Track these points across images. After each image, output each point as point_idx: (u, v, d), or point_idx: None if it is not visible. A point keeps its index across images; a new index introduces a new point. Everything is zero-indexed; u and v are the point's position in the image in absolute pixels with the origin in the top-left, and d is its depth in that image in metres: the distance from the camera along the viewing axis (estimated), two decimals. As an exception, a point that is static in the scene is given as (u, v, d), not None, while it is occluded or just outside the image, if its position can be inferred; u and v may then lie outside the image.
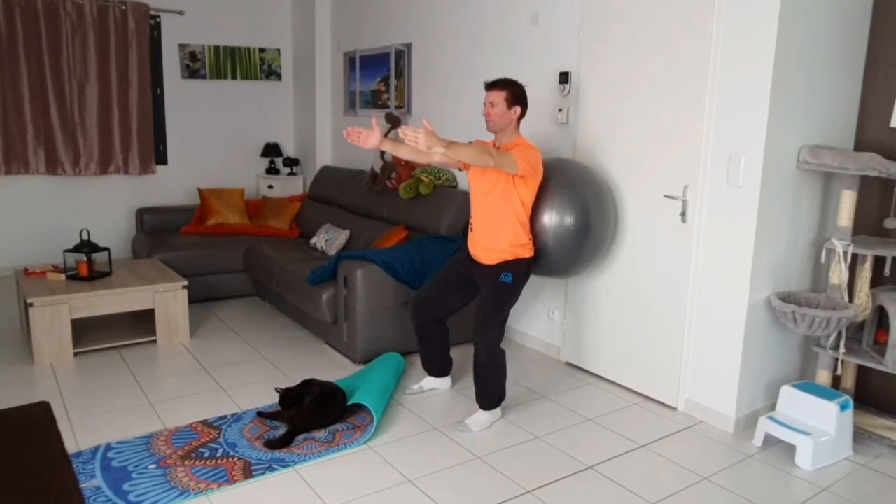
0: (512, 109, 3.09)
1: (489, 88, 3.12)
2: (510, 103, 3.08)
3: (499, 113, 3.09)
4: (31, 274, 4.21)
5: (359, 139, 3.00)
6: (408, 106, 5.22)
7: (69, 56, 5.58)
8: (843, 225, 3.04)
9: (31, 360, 3.83)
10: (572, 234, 3.22)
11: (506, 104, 3.08)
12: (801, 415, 2.99)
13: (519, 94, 3.11)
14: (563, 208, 3.20)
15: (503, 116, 3.09)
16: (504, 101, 3.08)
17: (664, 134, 3.29)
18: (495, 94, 3.09)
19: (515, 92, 3.10)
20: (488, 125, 3.13)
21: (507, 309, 3.16)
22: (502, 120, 3.10)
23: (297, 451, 2.88)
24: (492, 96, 3.10)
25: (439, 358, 3.49)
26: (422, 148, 2.74)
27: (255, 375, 3.71)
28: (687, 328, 3.29)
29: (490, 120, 3.11)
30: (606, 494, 2.62)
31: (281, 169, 6.69)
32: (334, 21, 6.14)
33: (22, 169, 5.58)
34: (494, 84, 3.11)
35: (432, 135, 2.74)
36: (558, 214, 3.20)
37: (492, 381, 3.13)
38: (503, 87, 3.09)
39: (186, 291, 4.17)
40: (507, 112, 3.09)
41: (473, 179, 3.19)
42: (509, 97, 3.08)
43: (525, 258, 3.15)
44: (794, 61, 2.94)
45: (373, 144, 3.01)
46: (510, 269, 3.11)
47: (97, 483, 2.59)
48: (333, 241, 4.85)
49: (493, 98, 3.09)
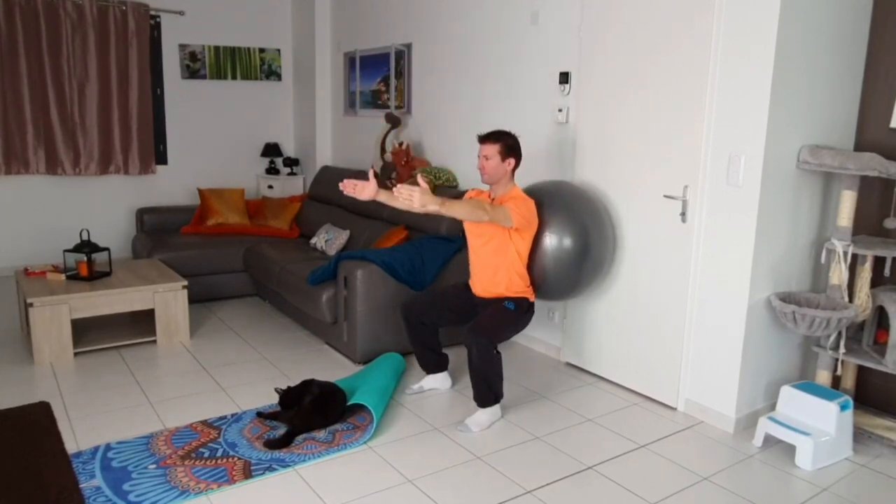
0: (506, 161, 3.18)
1: (482, 141, 3.19)
2: (504, 156, 3.17)
3: (493, 166, 3.16)
4: (31, 274, 4.21)
5: (354, 191, 3.02)
6: (408, 106, 5.22)
7: (69, 56, 5.58)
8: (843, 225, 3.04)
9: (31, 360, 3.83)
10: (571, 257, 3.26)
11: (499, 157, 3.16)
12: (801, 415, 2.99)
13: (512, 145, 3.19)
14: (561, 231, 3.25)
15: (497, 169, 3.16)
16: (498, 154, 3.16)
17: (664, 134, 3.29)
18: (489, 148, 3.16)
19: (509, 144, 3.17)
20: (483, 178, 3.21)
21: (504, 330, 3.18)
22: (497, 172, 3.17)
23: (297, 451, 2.88)
24: (485, 149, 3.17)
25: (432, 355, 3.51)
26: (416, 207, 2.79)
27: (255, 375, 3.71)
28: (687, 328, 3.30)
29: (485, 173, 3.18)
30: (606, 494, 2.62)
31: (281, 169, 6.69)
32: (334, 21, 6.14)
33: (22, 169, 5.58)
34: (488, 137, 3.18)
35: (427, 193, 2.80)
36: (557, 237, 3.24)
37: (484, 382, 3.12)
38: (496, 140, 3.17)
39: (186, 291, 4.17)
40: (501, 164, 3.16)
41: (469, 231, 3.27)
42: (503, 150, 3.16)
43: (527, 298, 3.26)
44: (794, 61, 2.94)
45: (369, 196, 3.03)
46: (514, 301, 3.22)
47: (97, 483, 2.59)
48: (333, 241, 4.85)
49: (486, 151, 3.17)
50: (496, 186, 3.23)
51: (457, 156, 4.73)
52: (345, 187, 3.03)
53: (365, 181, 3.03)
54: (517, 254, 3.18)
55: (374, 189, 3.01)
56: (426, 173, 4.56)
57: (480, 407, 3.17)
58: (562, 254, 3.24)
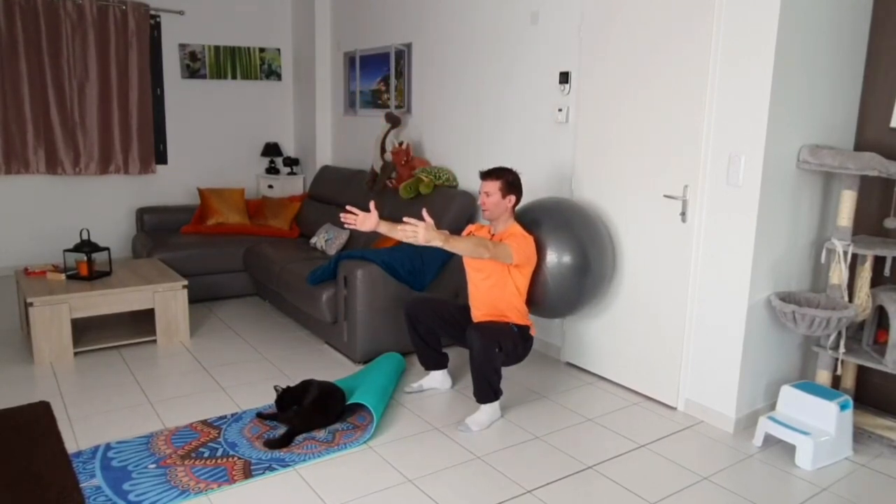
0: (507, 198, 3.21)
1: (484, 178, 3.24)
2: (504, 193, 3.20)
3: (494, 202, 3.20)
4: (31, 274, 4.21)
5: (356, 223, 3.04)
6: (408, 106, 5.22)
7: (69, 56, 5.58)
8: (843, 225, 3.04)
9: (31, 360, 3.83)
10: (571, 274, 3.27)
11: (500, 194, 3.19)
12: (801, 415, 2.99)
13: (513, 182, 3.23)
14: (561, 248, 3.26)
15: (498, 205, 3.21)
16: (499, 191, 3.19)
17: (664, 134, 3.29)
18: (490, 184, 3.21)
19: (509, 181, 3.21)
20: (483, 214, 3.26)
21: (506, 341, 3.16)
22: (497, 209, 3.21)
23: (297, 450, 2.88)
24: (487, 186, 3.22)
25: (433, 353, 3.51)
26: (420, 242, 2.83)
27: (255, 375, 3.71)
28: (687, 328, 3.30)
29: (486, 209, 3.23)
30: (606, 494, 2.62)
31: (281, 169, 6.69)
32: (334, 21, 6.14)
33: (22, 169, 5.58)
34: (489, 174, 3.24)
35: (431, 228, 2.85)
36: (556, 255, 3.26)
37: (483, 378, 3.13)
38: (498, 177, 3.22)
39: (186, 291, 4.17)
40: (501, 201, 3.20)
41: (469, 265, 3.30)
42: (503, 187, 3.20)
43: (528, 326, 3.29)
44: (794, 61, 2.94)
45: (370, 227, 3.05)
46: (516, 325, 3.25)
47: (97, 483, 2.59)
48: (333, 241, 4.85)
49: (487, 188, 3.22)
50: (496, 222, 3.27)
51: (457, 155, 4.73)
52: (346, 219, 3.06)
53: (366, 212, 3.05)
54: (516, 289, 3.22)
55: (375, 220, 3.04)
56: (426, 173, 4.56)
57: (480, 403, 3.18)
58: (562, 270, 3.26)
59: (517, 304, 3.24)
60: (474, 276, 3.29)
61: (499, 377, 3.16)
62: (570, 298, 3.35)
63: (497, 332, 3.14)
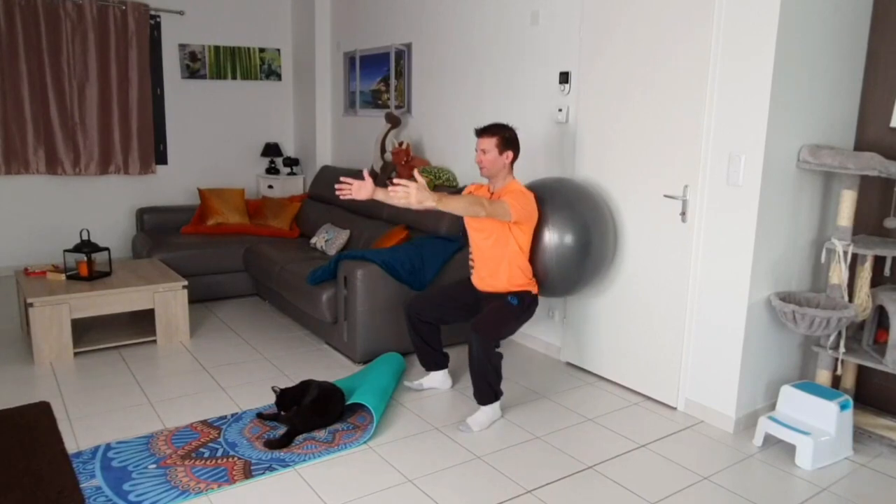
0: (504, 155, 3.16)
1: (480, 135, 3.18)
2: (501, 149, 3.15)
3: (491, 159, 3.15)
4: (32, 274, 4.21)
5: (351, 192, 2.98)
6: (408, 106, 5.22)
7: (69, 56, 5.58)
8: (843, 225, 3.04)
9: (31, 360, 3.83)
10: (573, 253, 3.25)
11: (497, 150, 3.15)
12: (801, 414, 2.99)
13: (510, 138, 3.18)
14: (563, 228, 3.24)
15: (495, 162, 3.15)
16: (496, 148, 3.14)
17: (664, 134, 3.29)
18: (486, 141, 3.15)
19: (506, 137, 3.16)
20: (481, 171, 3.20)
21: (508, 325, 3.18)
22: (495, 166, 3.16)
23: (297, 451, 2.88)
24: (483, 143, 3.16)
25: (433, 353, 3.51)
26: (413, 204, 2.77)
27: (255, 375, 3.71)
28: (687, 328, 3.29)
29: (483, 166, 3.17)
30: (606, 494, 2.62)
31: (281, 169, 6.69)
32: (334, 21, 6.14)
33: (22, 169, 5.58)
34: (485, 130, 3.17)
35: (423, 189, 2.77)
36: (558, 234, 3.24)
37: (484, 379, 3.13)
38: (494, 133, 3.15)
39: (186, 291, 4.17)
40: (499, 158, 3.15)
41: (470, 225, 3.26)
42: (500, 143, 3.14)
43: (529, 291, 3.25)
44: (794, 61, 2.94)
45: (365, 196, 2.98)
46: (516, 295, 3.20)
47: (97, 483, 2.59)
48: (333, 241, 4.85)
49: (484, 145, 3.16)
50: (495, 180, 3.22)
51: (456, 155, 4.73)
52: (341, 189, 2.99)
53: (360, 180, 2.98)
54: (518, 247, 3.17)
55: (370, 188, 2.95)
56: (426, 173, 4.56)
57: (480, 405, 3.18)
58: (563, 250, 3.24)
59: (520, 263, 3.20)
60: (476, 236, 3.24)
61: (499, 378, 3.16)
62: (571, 278, 3.31)
63: (497, 323, 3.12)
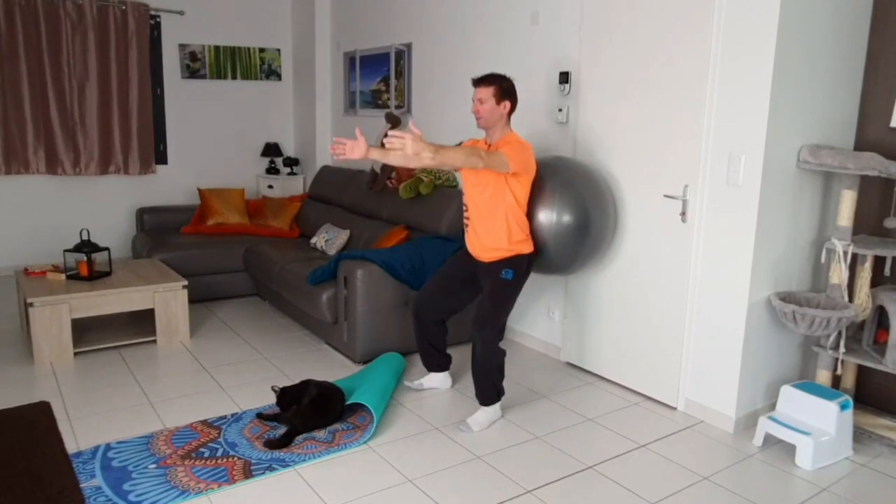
0: (501, 105, 3.06)
1: (477, 85, 3.08)
2: (499, 99, 3.05)
3: (488, 109, 3.05)
4: (31, 274, 4.21)
5: (344, 151, 2.88)
6: (408, 106, 5.22)
7: (69, 56, 5.58)
8: (843, 225, 3.04)
9: (31, 360, 3.83)
10: (571, 233, 3.22)
11: (494, 100, 3.04)
12: (801, 415, 2.99)
13: (507, 88, 3.08)
14: (561, 207, 3.20)
15: (493, 112, 3.06)
16: (493, 97, 3.04)
17: (664, 134, 3.29)
18: (483, 91, 3.05)
19: (504, 87, 3.06)
20: (478, 122, 3.11)
21: (508, 306, 3.15)
22: (492, 116, 3.07)
23: (297, 451, 2.88)
24: (480, 92, 3.06)
25: (436, 354, 3.50)
26: (409, 154, 2.69)
27: (255, 375, 3.71)
28: (687, 328, 3.29)
29: (480, 117, 3.08)
30: (606, 494, 2.62)
31: (281, 169, 6.69)
32: (334, 21, 6.14)
33: (22, 169, 5.58)
34: (482, 80, 3.07)
35: (419, 139, 2.69)
36: (557, 213, 3.20)
37: (487, 378, 3.13)
38: (491, 83, 3.05)
39: (186, 291, 4.17)
40: (496, 108, 3.05)
41: (466, 179, 3.17)
42: (497, 92, 3.04)
43: (525, 254, 3.16)
44: (794, 61, 2.94)
45: (360, 155, 2.87)
46: (511, 266, 3.12)
47: (97, 483, 2.59)
48: (333, 241, 4.85)
49: (481, 94, 3.06)
50: (492, 131, 3.11)
51: (457, 156, 4.73)
52: (334, 150, 2.89)
53: (353, 140, 2.86)
54: (515, 200, 3.09)
55: (364, 146, 2.84)
56: (426, 173, 4.56)
57: (483, 405, 3.18)
58: (562, 229, 3.19)
59: (517, 218, 3.11)
60: (472, 191, 3.14)
61: (502, 376, 3.15)
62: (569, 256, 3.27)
63: (496, 310, 3.09)
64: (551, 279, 4.02)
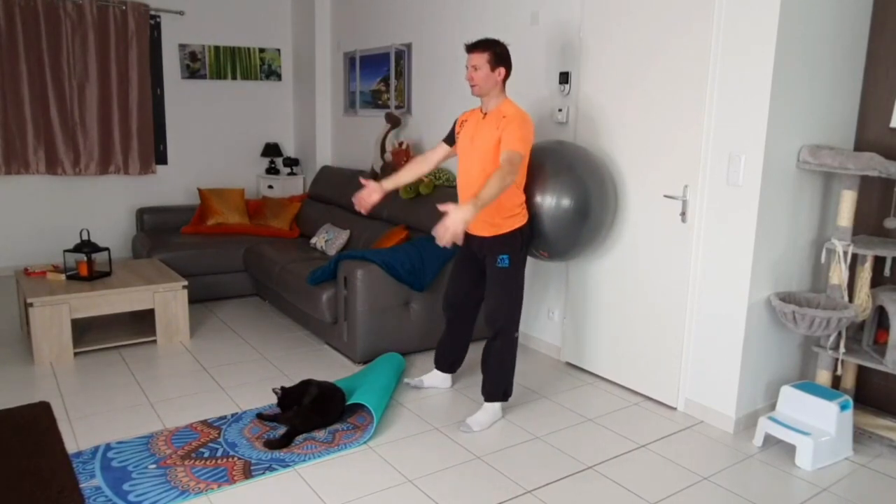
0: (496, 71, 2.97)
1: (470, 51, 2.99)
2: (493, 65, 2.96)
3: (482, 76, 2.96)
4: (31, 274, 4.21)
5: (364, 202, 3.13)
6: (408, 106, 5.22)
7: (69, 56, 5.58)
8: (843, 225, 3.04)
9: (31, 360, 3.82)
10: (571, 217, 3.20)
11: (489, 66, 2.96)
12: (801, 415, 2.99)
13: (501, 53, 2.99)
14: (561, 191, 3.18)
15: (487, 79, 2.97)
16: (487, 64, 2.95)
17: (664, 134, 3.29)
18: (477, 57, 2.97)
19: (498, 52, 2.98)
20: (473, 90, 3.03)
21: (515, 294, 3.11)
22: (487, 83, 2.98)
23: (297, 451, 2.88)
24: (474, 59, 2.97)
25: (459, 353, 3.51)
26: (459, 229, 2.61)
27: (255, 375, 3.71)
28: (687, 328, 3.29)
29: (474, 84, 3.00)
30: (606, 494, 2.62)
31: (281, 169, 6.69)
32: (334, 21, 6.14)
33: (22, 169, 5.58)
34: (475, 45, 2.99)
35: (458, 209, 2.62)
36: (555, 197, 3.17)
37: (501, 369, 3.13)
38: (485, 48, 2.96)
39: (186, 291, 4.17)
40: (491, 74, 2.97)
41: (463, 153, 3.10)
42: (492, 58, 2.96)
43: (518, 228, 3.07)
44: (794, 61, 2.94)
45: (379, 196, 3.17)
46: (505, 249, 3.06)
47: (97, 483, 2.59)
48: (333, 241, 4.85)
49: (475, 61, 2.96)
50: (487, 99, 3.02)
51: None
52: (358, 202, 3.07)
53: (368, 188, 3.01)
54: None
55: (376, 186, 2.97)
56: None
57: (487, 401, 3.18)
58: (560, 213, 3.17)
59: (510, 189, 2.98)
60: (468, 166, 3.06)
61: (513, 370, 3.19)
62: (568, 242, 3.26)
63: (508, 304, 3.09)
64: (552, 277, 4.02)
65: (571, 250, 3.36)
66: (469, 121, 3.14)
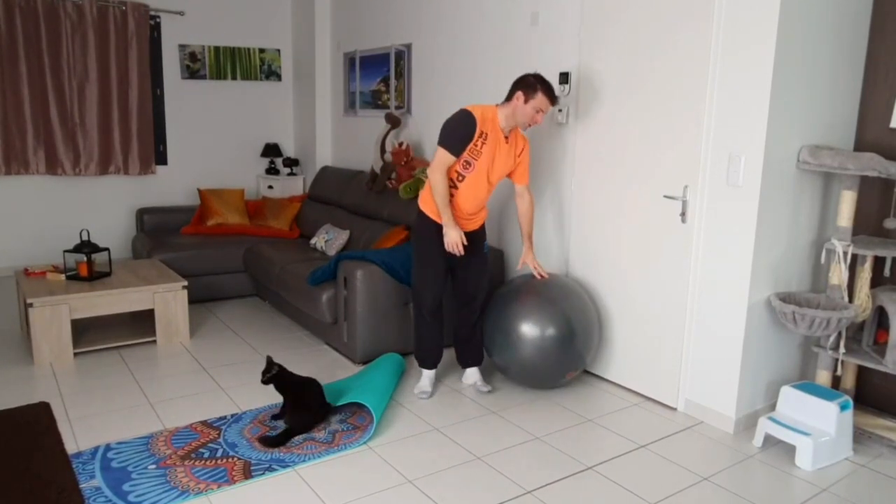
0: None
1: (555, 103, 3.27)
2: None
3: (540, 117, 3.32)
4: (31, 274, 4.21)
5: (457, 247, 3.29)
6: (408, 106, 5.22)
7: (69, 56, 5.58)
8: (843, 225, 3.04)
9: (31, 360, 3.83)
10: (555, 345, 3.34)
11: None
12: (801, 415, 2.99)
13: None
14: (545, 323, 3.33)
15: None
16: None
17: (664, 134, 3.29)
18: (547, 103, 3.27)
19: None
20: (527, 128, 3.32)
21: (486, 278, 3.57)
22: None
23: (297, 451, 2.88)
24: (549, 106, 3.28)
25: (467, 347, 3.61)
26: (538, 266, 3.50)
27: (255, 375, 3.71)
28: (687, 328, 3.29)
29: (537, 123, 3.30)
30: (606, 494, 2.62)
31: (281, 169, 6.69)
32: (334, 21, 6.14)
33: (22, 169, 5.58)
34: (555, 97, 3.27)
35: (533, 258, 3.50)
36: (540, 328, 3.31)
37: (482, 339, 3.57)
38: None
39: (186, 291, 4.17)
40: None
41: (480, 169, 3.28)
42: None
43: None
44: (794, 61, 2.94)
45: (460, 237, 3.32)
46: (485, 236, 3.55)
47: (97, 483, 2.59)
48: (333, 242, 4.85)
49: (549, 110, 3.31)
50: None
51: (457, 156, 4.72)
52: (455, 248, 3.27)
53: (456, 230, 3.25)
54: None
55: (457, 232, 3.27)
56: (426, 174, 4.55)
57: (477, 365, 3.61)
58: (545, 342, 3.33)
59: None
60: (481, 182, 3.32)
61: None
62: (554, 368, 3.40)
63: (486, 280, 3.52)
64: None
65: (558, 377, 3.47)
66: (490, 137, 3.25)
